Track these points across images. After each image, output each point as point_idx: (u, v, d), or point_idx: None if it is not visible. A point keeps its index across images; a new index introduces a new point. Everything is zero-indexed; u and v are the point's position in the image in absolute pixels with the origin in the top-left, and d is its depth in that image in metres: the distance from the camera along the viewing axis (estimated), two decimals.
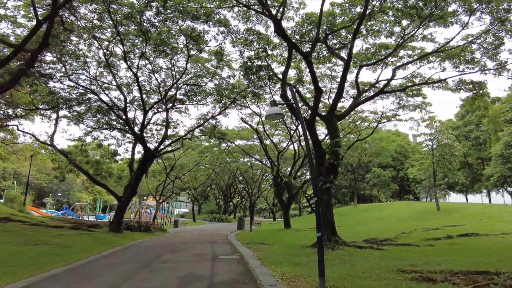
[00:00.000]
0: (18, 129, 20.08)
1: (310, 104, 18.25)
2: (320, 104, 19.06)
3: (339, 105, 18.76)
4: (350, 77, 20.59)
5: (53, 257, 9.51)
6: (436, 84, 20.83)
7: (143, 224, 21.96)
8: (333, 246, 10.90)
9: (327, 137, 23.88)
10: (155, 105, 21.56)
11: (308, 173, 50.72)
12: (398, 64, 20.31)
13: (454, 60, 18.05)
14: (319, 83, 24.61)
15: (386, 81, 18.18)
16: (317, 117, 14.74)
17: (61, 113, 23.22)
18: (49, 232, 15.27)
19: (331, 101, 21.08)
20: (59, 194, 53.55)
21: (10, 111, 21.39)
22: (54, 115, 21.97)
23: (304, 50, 20.89)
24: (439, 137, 24.49)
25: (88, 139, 25.70)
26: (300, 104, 23.90)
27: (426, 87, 21.54)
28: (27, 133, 20.63)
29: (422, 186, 37.19)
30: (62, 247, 11.79)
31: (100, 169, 25.49)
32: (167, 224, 39.25)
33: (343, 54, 20.17)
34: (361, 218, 29.05)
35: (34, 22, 14.10)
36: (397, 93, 23.91)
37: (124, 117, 20.19)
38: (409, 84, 20.21)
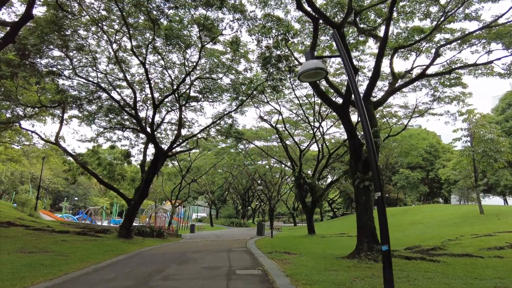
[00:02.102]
0: (21, 127, 19.01)
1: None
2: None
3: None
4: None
5: (40, 269, 8.00)
6: (480, 71, 18.55)
7: (155, 229, 20.48)
8: (375, 257, 8.89)
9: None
10: (167, 99, 20.15)
11: (330, 176, 48.34)
12: (432, 51, 18.24)
13: (504, 40, 15.69)
14: (344, 75, 22.79)
15: (424, 66, 16.04)
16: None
17: (72, 112, 22.30)
18: (52, 238, 13.98)
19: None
20: (76, 198, 53.32)
21: (20, 112, 20.59)
22: (64, 114, 21.05)
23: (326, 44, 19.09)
24: (481, 131, 21.79)
25: (101, 140, 24.76)
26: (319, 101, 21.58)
27: (467, 75, 19.23)
28: (31, 131, 19.72)
29: (457, 187, 34.06)
30: (59, 255, 10.34)
31: (113, 171, 24.39)
32: (184, 229, 37.89)
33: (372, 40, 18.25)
34: (392, 223, 26.49)
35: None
36: (432, 83, 21.65)
37: (134, 114, 18.88)
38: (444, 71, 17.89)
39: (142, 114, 21.86)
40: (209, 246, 15.29)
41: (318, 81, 12.45)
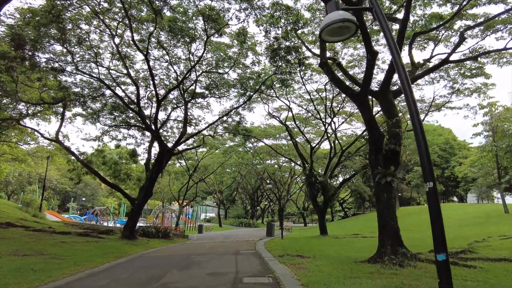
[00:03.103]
0: (19, 124, 18.47)
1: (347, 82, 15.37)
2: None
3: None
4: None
5: (29, 274, 7.25)
6: (505, 59, 17.38)
7: (161, 229, 19.73)
8: (400, 261, 7.89)
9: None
10: (172, 96, 19.42)
11: (341, 175, 47.03)
12: (452, 39, 17.14)
13: None
14: (357, 68, 21.68)
15: (445, 55, 14.92)
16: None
17: (75, 110, 21.76)
18: (51, 240, 13.31)
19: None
20: (83, 199, 53.20)
21: (23, 110, 20.11)
22: (67, 112, 20.53)
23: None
24: (505, 125, 20.42)
25: (106, 139, 24.17)
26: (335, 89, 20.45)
27: (490, 64, 18.00)
28: (32, 128, 19.17)
29: (476, 185, 32.52)
30: (54, 258, 9.61)
31: (118, 170, 23.80)
32: (192, 229, 37.20)
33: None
34: (408, 223, 25.28)
35: None
36: (451, 74, 20.53)
37: (138, 110, 18.17)
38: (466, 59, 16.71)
39: (147, 112, 21.24)
40: (217, 248, 14.43)
41: (333, 69, 11.48)
